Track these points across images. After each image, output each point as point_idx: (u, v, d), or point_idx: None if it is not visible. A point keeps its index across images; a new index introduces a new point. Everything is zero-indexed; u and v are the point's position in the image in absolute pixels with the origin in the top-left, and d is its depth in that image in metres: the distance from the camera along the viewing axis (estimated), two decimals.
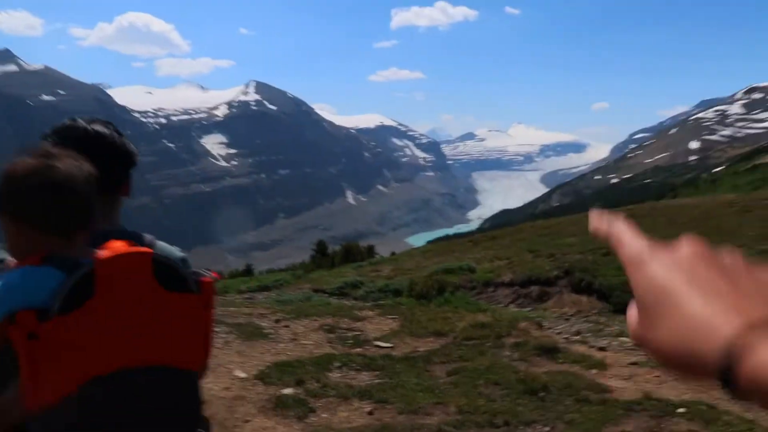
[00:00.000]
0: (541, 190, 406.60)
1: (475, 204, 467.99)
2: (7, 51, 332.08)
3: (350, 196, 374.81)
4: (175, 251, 1.52)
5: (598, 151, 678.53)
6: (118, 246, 1.27)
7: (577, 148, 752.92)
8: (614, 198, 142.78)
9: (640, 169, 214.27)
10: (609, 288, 9.33)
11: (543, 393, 5.13)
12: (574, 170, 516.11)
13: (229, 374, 5.64)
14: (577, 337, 7.52)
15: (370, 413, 4.94)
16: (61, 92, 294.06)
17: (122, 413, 1.24)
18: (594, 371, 5.92)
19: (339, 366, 6.05)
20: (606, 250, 12.09)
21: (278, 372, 5.71)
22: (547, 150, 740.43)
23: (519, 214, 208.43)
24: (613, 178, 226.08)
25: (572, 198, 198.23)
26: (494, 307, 9.64)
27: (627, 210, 19.64)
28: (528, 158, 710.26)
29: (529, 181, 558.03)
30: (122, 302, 1.23)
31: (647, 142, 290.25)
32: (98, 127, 1.50)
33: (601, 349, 6.78)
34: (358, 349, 6.84)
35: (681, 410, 4.67)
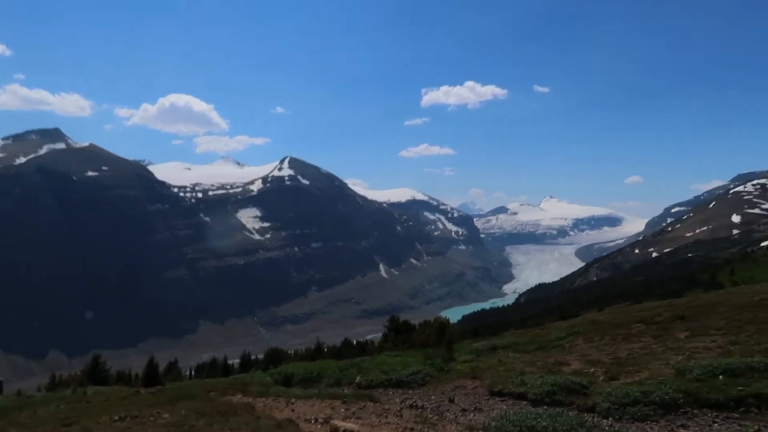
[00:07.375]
0: (577, 264, 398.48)
1: (509, 278, 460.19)
2: (57, 130, 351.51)
3: (383, 270, 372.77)
4: None
5: (634, 225, 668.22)
6: None
7: (612, 222, 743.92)
8: (656, 272, 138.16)
9: (680, 242, 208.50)
10: None
11: None
12: (610, 244, 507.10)
13: None
14: None
15: None
16: (104, 168, 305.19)
17: None
18: None
19: None
20: None
21: None
22: (581, 224, 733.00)
23: (556, 288, 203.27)
24: (652, 251, 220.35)
25: (611, 272, 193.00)
26: None
27: None
28: (561, 232, 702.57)
29: (563, 255, 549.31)
30: None
31: (685, 216, 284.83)
32: None
33: None
34: None
35: None
